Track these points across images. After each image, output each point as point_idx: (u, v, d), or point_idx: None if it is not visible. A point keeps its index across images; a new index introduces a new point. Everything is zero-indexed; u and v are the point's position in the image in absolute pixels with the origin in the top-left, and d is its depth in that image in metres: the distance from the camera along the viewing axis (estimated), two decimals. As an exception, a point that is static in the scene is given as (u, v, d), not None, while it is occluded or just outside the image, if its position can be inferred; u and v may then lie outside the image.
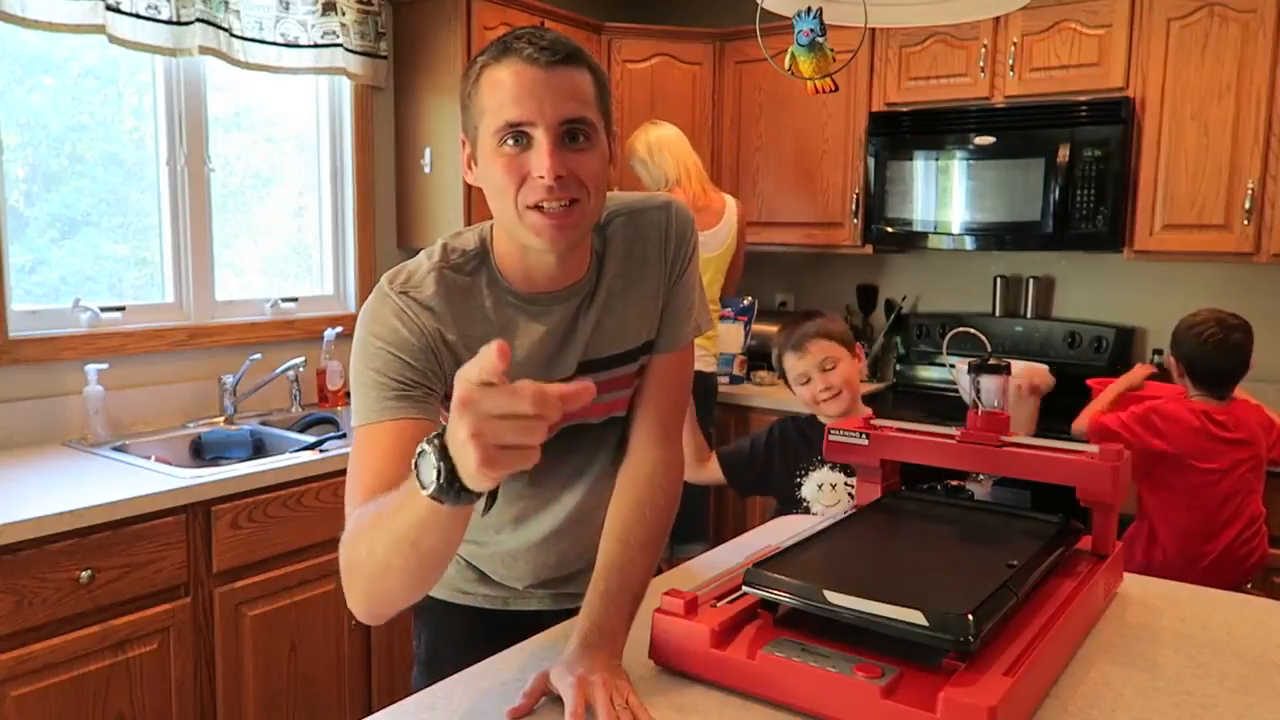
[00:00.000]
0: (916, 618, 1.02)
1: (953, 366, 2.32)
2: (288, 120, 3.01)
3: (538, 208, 1.06)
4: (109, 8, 2.33)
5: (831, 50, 0.99)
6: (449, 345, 1.12)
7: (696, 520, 3.04)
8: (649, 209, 1.26)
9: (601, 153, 1.10)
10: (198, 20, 2.51)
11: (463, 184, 3.09)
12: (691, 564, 1.58)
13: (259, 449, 2.62)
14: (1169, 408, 2.35)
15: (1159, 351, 3.04)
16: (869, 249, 3.34)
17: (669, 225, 1.27)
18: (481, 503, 0.85)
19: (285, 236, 3.06)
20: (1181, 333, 2.38)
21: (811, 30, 0.97)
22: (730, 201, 3.17)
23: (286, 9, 2.77)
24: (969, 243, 3.09)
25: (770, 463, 2.02)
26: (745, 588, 1.14)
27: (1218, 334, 2.32)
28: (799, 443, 2.02)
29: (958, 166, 3.06)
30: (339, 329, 2.96)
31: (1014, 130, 2.97)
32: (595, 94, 1.09)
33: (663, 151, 3.07)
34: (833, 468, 1.96)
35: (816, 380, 1.94)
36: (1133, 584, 1.49)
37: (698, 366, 1.47)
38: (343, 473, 1.30)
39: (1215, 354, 2.32)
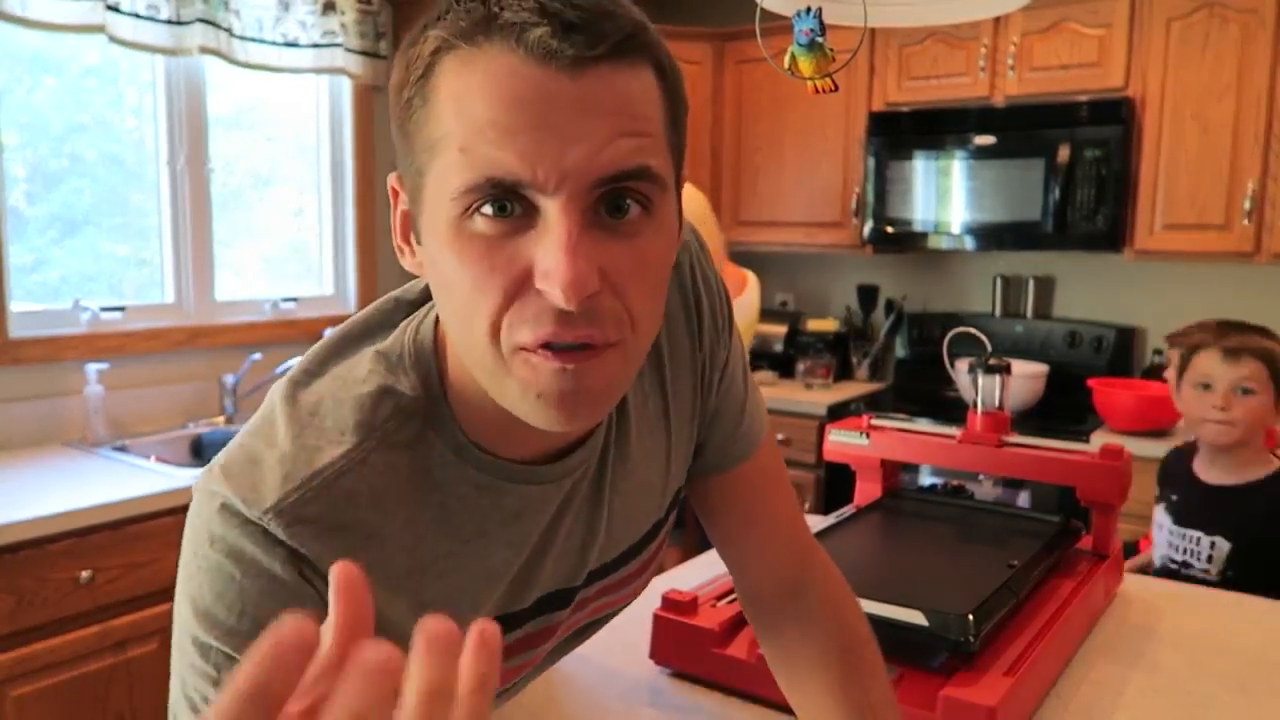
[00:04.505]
0: (917, 618, 1.02)
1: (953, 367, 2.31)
2: (288, 120, 3.01)
3: (535, 349, 0.54)
4: (109, 8, 2.33)
5: (831, 50, 0.98)
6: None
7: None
8: None
9: (667, 231, 0.58)
10: (198, 20, 2.51)
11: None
12: (690, 564, 1.58)
13: (259, 449, 2.60)
14: None
15: (1159, 352, 3.04)
16: (869, 249, 3.34)
17: (693, 279, 0.77)
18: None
19: (285, 236, 3.06)
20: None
21: (811, 30, 0.97)
22: (752, 275, 2.73)
23: (286, 9, 2.77)
24: (969, 243, 3.08)
25: None
26: (745, 588, 1.14)
27: None
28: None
29: (958, 166, 3.06)
30: (339, 329, 2.96)
31: (1014, 130, 2.97)
32: (664, 114, 0.56)
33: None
34: (1167, 508, 1.78)
35: (1218, 397, 1.63)
36: (1133, 584, 1.49)
37: None
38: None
39: None
